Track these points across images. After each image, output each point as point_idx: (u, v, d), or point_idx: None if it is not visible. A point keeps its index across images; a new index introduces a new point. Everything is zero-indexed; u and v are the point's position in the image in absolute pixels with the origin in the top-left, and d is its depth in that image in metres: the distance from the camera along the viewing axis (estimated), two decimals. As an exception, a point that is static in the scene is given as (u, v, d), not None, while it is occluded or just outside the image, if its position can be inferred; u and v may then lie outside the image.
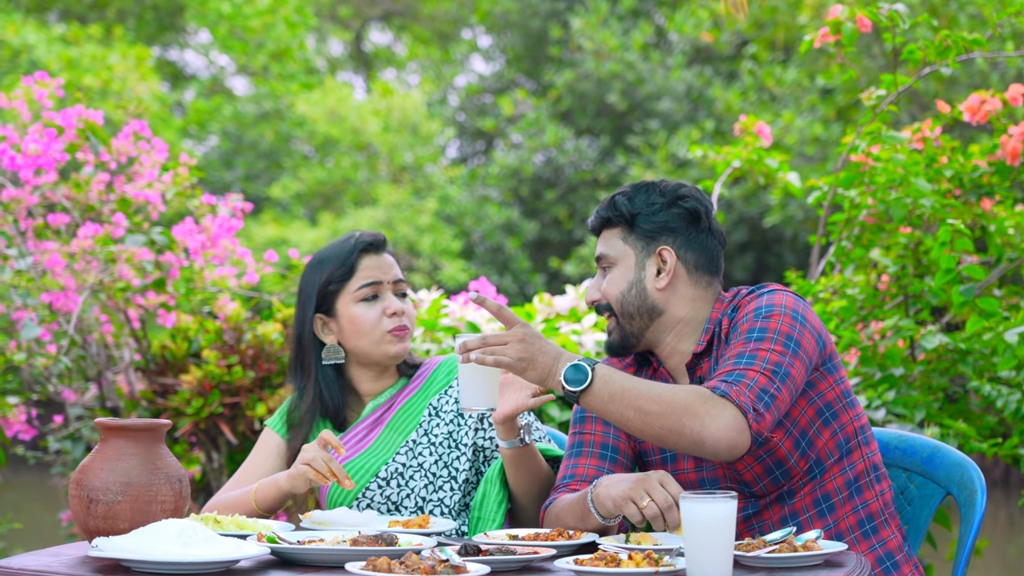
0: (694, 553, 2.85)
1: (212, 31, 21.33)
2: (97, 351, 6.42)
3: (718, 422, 3.25)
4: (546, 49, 20.45)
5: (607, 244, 3.66)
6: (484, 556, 3.03)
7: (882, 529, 3.59)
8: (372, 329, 3.93)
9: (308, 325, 4.01)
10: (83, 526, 3.18)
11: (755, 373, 3.35)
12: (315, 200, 20.64)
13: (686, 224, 3.64)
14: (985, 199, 6.00)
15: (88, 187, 6.20)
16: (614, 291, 3.63)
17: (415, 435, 3.96)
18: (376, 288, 3.94)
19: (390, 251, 4.03)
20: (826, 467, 3.54)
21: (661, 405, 3.28)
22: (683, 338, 3.64)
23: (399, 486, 3.90)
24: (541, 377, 3.36)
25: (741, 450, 3.27)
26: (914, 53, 5.74)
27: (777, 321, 3.46)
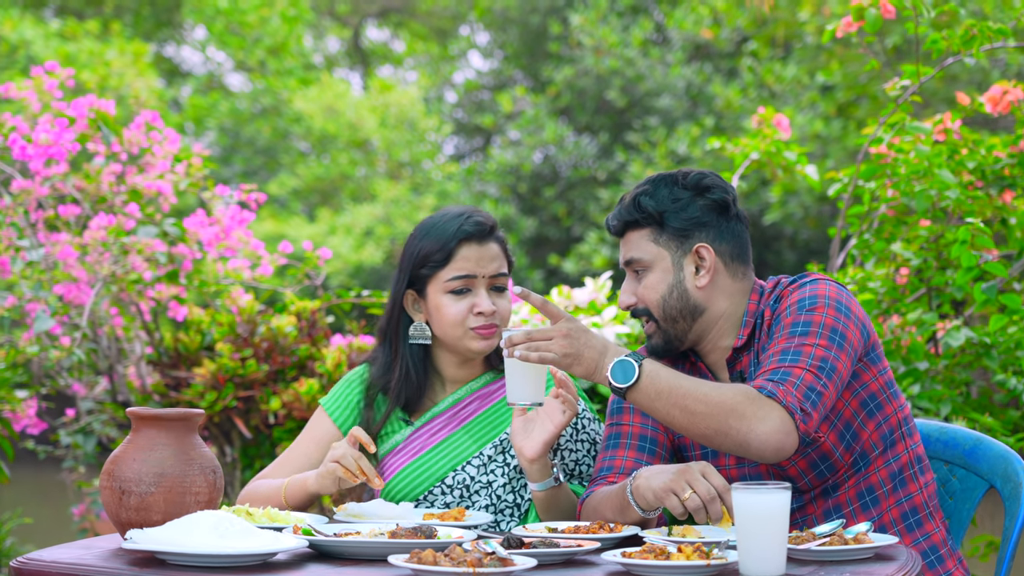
0: (747, 545, 2.78)
1: (208, 27, 21.25)
2: (108, 344, 6.34)
3: (765, 424, 3.18)
4: (545, 45, 20.37)
5: (637, 247, 3.55)
6: (527, 549, 2.96)
7: (926, 522, 3.52)
8: (456, 324, 3.76)
9: (399, 298, 3.84)
10: (115, 518, 3.11)
11: (801, 370, 3.27)
12: (313, 196, 20.56)
13: (716, 216, 3.56)
14: (1007, 191, 5.93)
15: (99, 178, 6.12)
16: (654, 296, 3.54)
17: (491, 449, 3.80)
18: (468, 282, 3.74)
19: (499, 237, 3.81)
20: (871, 459, 3.47)
21: (708, 405, 3.21)
22: (724, 333, 3.56)
23: (462, 497, 3.76)
24: (587, 372, 3.29)
25: (788, 452, 3.20)
26: (938, 43, 5.66)
27: (821, 314, 3.38)
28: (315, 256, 6.39)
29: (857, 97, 17.37)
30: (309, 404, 5.88)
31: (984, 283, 5.10)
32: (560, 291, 5.97)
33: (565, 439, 3.80)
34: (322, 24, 23.86)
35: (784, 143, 6.59)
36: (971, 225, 5.07)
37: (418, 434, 3.84)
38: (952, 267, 5.83)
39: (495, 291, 3.79)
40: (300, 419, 5.94)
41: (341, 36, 24.72)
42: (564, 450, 3.80)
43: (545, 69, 19.87)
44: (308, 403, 5.88)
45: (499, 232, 3.82)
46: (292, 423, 5.96)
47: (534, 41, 20.83)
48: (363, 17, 24.82)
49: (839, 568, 2.90)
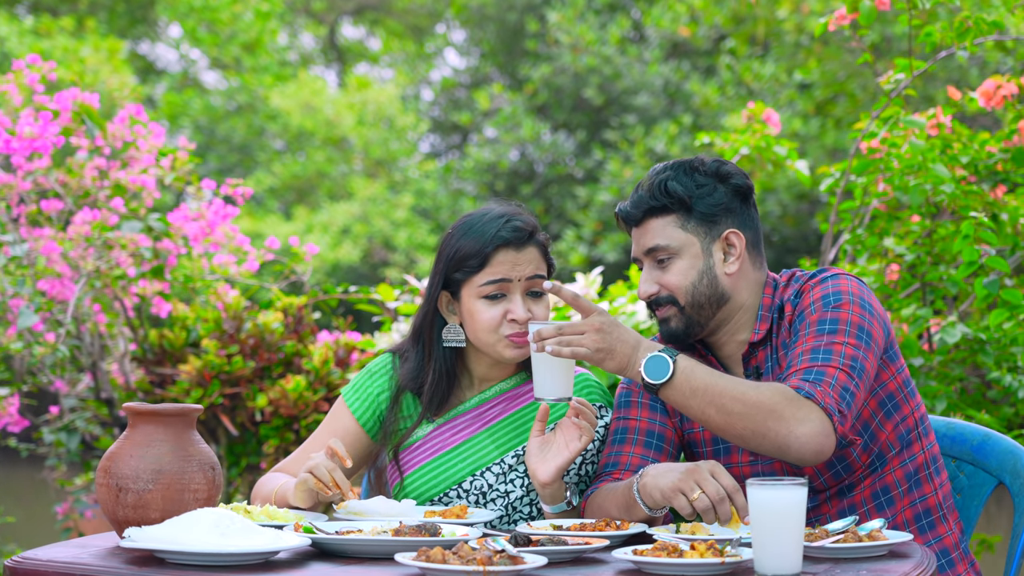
0: (762, 542, 2.71)
1: (182, 24, 21.13)
2: (91, 341, 6.25)
3: (804, 427, 3.12)
4: (522, 43, 20.30)
5: (662, 234, 3.46)
6: (535, 547, 2.89)
7: (939, 525, 3.46)
8: (490, 331, 3.61)
9: (434, 298, 3.71)
10: (111, 516, 3.03)
11: (835, 370, 3.21)
12: (289, 194, 20.46)
13: (739, 202, 3.49)
14: (1001, 186, 5.89)
15: (82, 172, 6.04)
16: (683, 282, 3.44)
17: (513, 458, 3.69)
18: (503, 287, 3.59)
19: (539, 241, 3.65)
20: (887, 459, 3.41)
21: (745, 405, 3.14)
22: (741, 326, 3.49)
23: (477, 503, 3.65)
24: (619, 367, 3.22)
25: (827, 455, 3.14)
26: (931, 35, 5.61)
27: (847, 311, 3.32)
28: (302, 252, 6.31)
29: (835, 95, 17.34)
30: (296, 401, 5.82)
31: (984, 278, 5.05)
32: (551, 287, 5.89)
33: (591, 452, 3.69)
34: (297, 21, 23.76)
35: (774, 138, 6.54)
36: (974, 219, 5.02)
37: (439, 432, 3.73)
38: (945, 262, 5.79)
39: (531, 296, 3.63)
40: (287, 416, 5.87)
41: (317, 34, 24.61)
42: (589, 463, 3.70)
43: (522, 67, 19.81)
44: (295, 400, 5.81)
45: (540, 236, 3.66)
46: (279, 420, 5.89)
47: (511, 38, 20.76)
48: (339, 14, 24.72)
49: (854, 566, 2.84)
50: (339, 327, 6.35)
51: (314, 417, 5.85)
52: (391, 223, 19.17)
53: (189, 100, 20.60)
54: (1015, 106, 5.84)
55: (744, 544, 2.95)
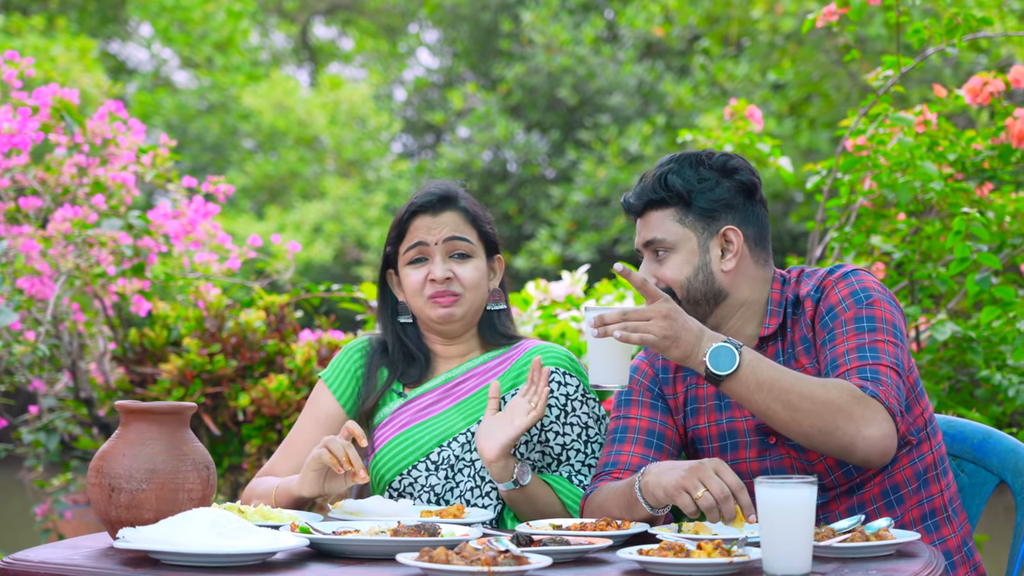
0: (771, 541, 2.66)
1: (153, 23, 21.02)
2: (69, 340, 6.17)
3: (873, 428, 3.08)
4: (496, 43, 20.25)
5: (660, 227, 3.43)
6: (538, 547, 2.84)
7: (943, 526, 3.42)
8: (415, 294, 3.70)
9: (382, 279, 3.85)
10: (104, 516, 2.96)
11: (886, 368, 3.18)
12: (261, 194, 20.37)
13: (743, 199, 3.44)
14: (988, 183, 5.87)
15: (60, 170, 5.96)
16: (679, 277, 3.40)
17: (477, 427, 3.66)
18: (421, 250, 3.69)
19: (460, 207, 3.73)
20: (897, 457, 3.36)
21: (813, 403, 3.09)
22: (746, 321, 3.45)
23: (446, 477, 3.63)
24: (684, 356, 3.15)
25: (890, 457, 3.12)
26: (920, 32, 5.58)
27: (881, 308, 3.29)
28: (283, 250, 6.25)
29: (809, 95, 17.34)
30: (278, 400, 5.76)
31: (976, 275, 5.02)
32: (537, 285, 5.86)
33: (550, 420, 3.66)
34: (269, 21, 23.65)
35: (756, 135, 6.50)
36: (966, 216, 4.98)
37: (408, 407, 3.74)
38: (932, 260, 5.76)
39: (456, 259, 3.70)
40: (269, 416, 5.81)
41: (289, 33, 24.52)
42: (549, 431, 3.66)
43: (496, 66, 19.76)
44: (277, 399, 5.75)
45: (461, 202, 3.74)
46: (261, 420, 5.83)
47: (485, 38, 20.70)
48: (311, 14, 24.63)
49: (863, 565, 2.79)
50: (321, 326, 6.29)
51: (296, 417, 5.78)
52: (364, 222, 19.11)
53: (161, 99, 20.49)
54: (1001, 103, 5.81)
55: (751, 544, 2.90)
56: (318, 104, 20.41)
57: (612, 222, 17.04)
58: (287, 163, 20.19)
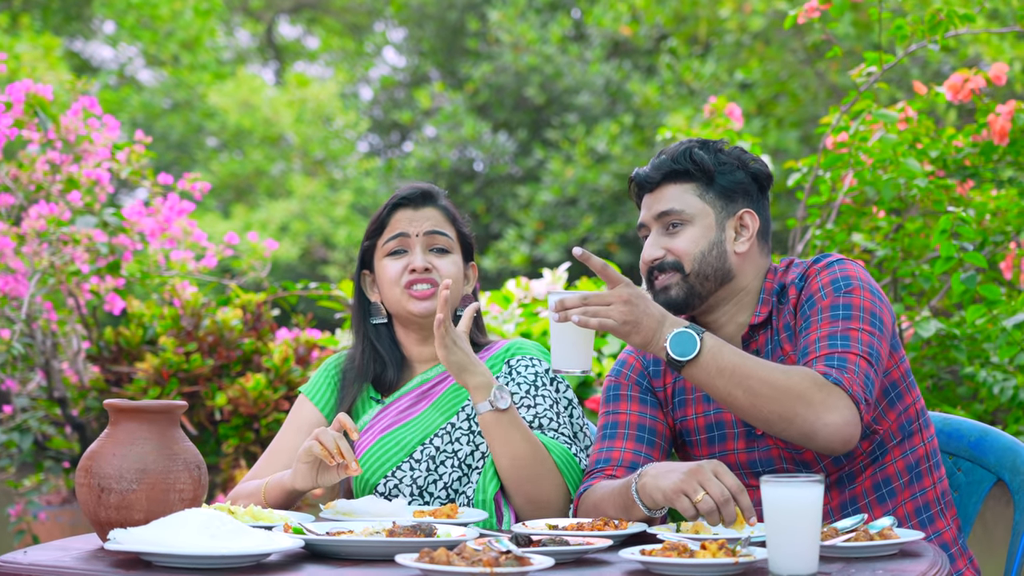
0: (777, 541, 2.61)
1: (119, 21, 20.88)
2: (43, 338, 6.09)
3: (834, 415, 3.05)
4: (463, 42, 20.19)
5: (679, 199, 3.41)
6: (537, 547, 2.79)
7: (938, 519, 3.39)
8: (392, 284, 3.69)
9: (357, 281, 3.83)
10: (92, 517, 2.90)
11: (855, 356, 3.14)
12: (227, 192, 20.26)
13: (757, 188, 3.44)
14: (969, 181, 5.85)
15: (33, 167, 5.88)
16: (693, 249, 3.38)
17: (456, 419, 3.66)
18: (402, 241, 3.69)
19: (440, 204, 3.76)
20: (888, 449, 3.33)
21: (774, 389, 3.06)
22: (742, 308, 3.42)
23: (428, 471, 3.60)
24: (644, 341, 3.12)
25: (853, 445, 3.08)
26: (902, 28, 5.55)
27: (859, 296, 3.25)
28: (261, 247, 6.18)
29: (776, 95, 17.33)
30: (256, 400, 5.70)
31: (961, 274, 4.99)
32: (518, 283, 5.81)
33: (520, 396, 3.64)
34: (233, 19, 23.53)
35: (736, 133, 6.47)
36: (952, 215, 4.96)
37: (386, 412, 3.72)
38: (914, 257, 5.75)
39: (436, 253, 3.72)
40: (247, 415, 5.75)
41: (254, 31, 24.40)
42: (521, 406, 3.64)
43: (463, 66, 19.71)
44: (255, 399, 5.69)
45: (441, 200, 3.78)
46: (238, 419, 5.76)
47: (451, 37, 20.64)
48: (276, 12, 24.52)
49: (869, 565, 2.75)
50: (299, 324, 6.23)
51: (274, 416, 5.73)
52: (330, 221, 19.03)
53: (126, 98, 20.35)
54: (982, 99, 5.79)
55: (755, 543, 2.85)
56: (284, 102, 20.31)
57: (580, 222, 17.00)
58: (253, 162, 20.09)
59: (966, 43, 14.80)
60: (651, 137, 17.50)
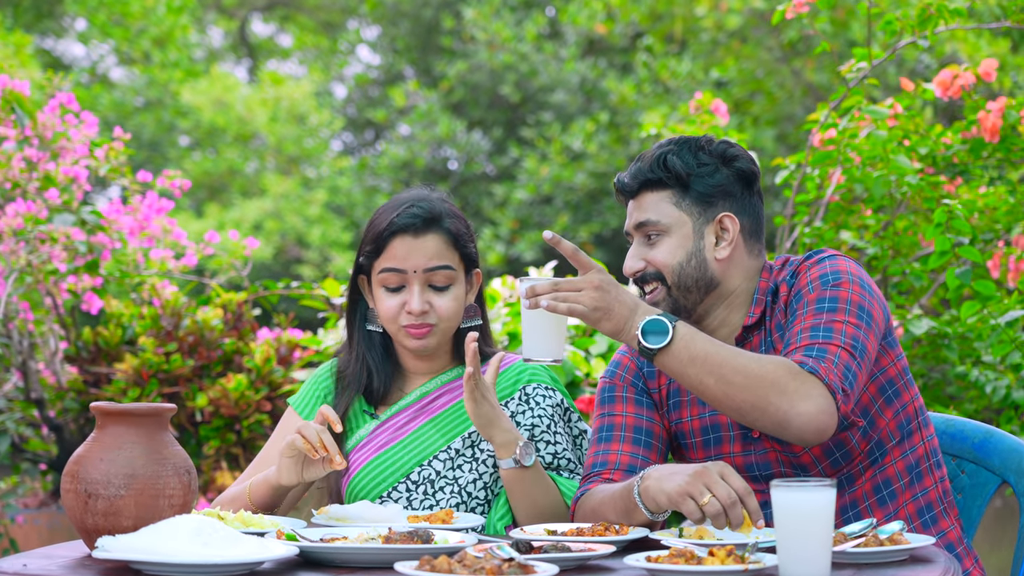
0: (788, 547, 2.54)
1: (91, 18, 20.74)
2: (19, 339, 5.98)
3: (808, 403, 2.96)
4: (437, 40, 20.10)
5: (656, 209, 3.32)
6: (538, 553, 2.71)
7: (941, 519, 3.32)
8: (389, 320, 3.53)
9: (353, 281, 3.67)
10: (79, 524, 2.81)
11: (836, 347, 3.06)
12: (201, 191, 20.13)
13: (740, 187, 3.34)
14: (958, 178, 5.80)
15: (10, 164, 5.77)
16: (671, 261, 3.29)
17: (460, 443, 3.54)
18: (399, 278, 3.50)
19: (445, 228, 3.52)
20: (887, 449, 3.26)
21: (747, 377, 2.98)
22: (734, 310, 3.34)
23: (426, 494, 3.49)
24: (615, 329, 3.05)
25: (828, 435, 2.99)
26: (891, 24, 5.49)
27: (847, 290, 3.17)
28: (241, 246, 6.09)
29: (752, 93, 17.28)
30: (237, 401, 5.61)
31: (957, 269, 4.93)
32: (504, 281, 5.73)
33: (541, 430, 3.55)
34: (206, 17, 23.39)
35: (722, 129, 6.41)
36: (947, 207, 4.89)
37: (383, 428, 3.60)
38: (903, 256, 5.69)
39: (434, 290, 3.53)
40: (228, 416, 5.66)
41: (227, 29, 24.27)
42: (540, 441, 3.55)
43: (438, 64, 19.62)
44: (236, 400, 5.60)
45: (446, 223, 3.53)
46: (219, 421, 5.67)
47: (426, 35, 20.55)
48: (249, 10, 24.39)
49: (879, 571, 2.67)
50: (280, 324, 6.14)
51: (256, 417, 5.64)
52: (304, 220, 18.93)
53: (97, 96, 20.20)
54: (972, 96, 5.73)
55: (764, 549, 2.77)
56: (258, 101, 20.19)
57: (556, 220, 16.93)
58: (226, 160, 19.97)
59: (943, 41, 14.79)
60: (627, 135, 17.46)
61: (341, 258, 18.46)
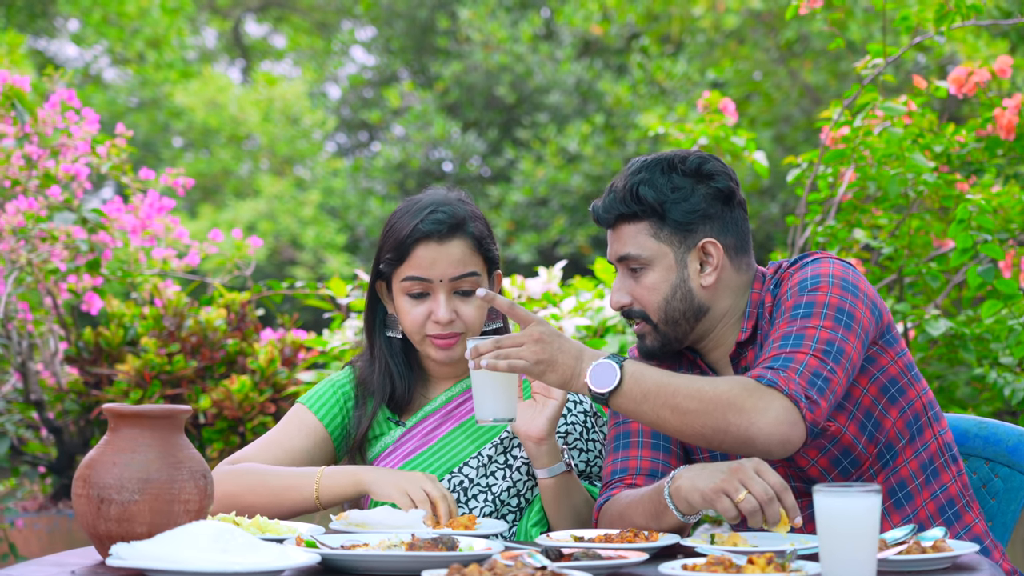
0: (832, 556, 2.43)
1: (85, 18, 20.64)
2: (18, 339, 5.88)
3: (766, 416, 2.87)
4: (433, 40, 20.01)
5: (634, 243, 3.21)
6: (569, 561, 2.61)
7: (964, 514, 3.22)
8: (414, 331, 3.42)
9: (371, 287, 3.53)
10: (91, 530, 2.70)
11: (804, 355, 2.96)
12: (194, 192, 20.04)
13: (720, 206, 3.22)
14: (973, 177, 5.72)
15: (9, 161, 5.67)
16: (655, 298, 3.20)
17: (491, 449, 3.45)
18: (424, 286, 3.38)
19: (470, 233, 3.40)
20: (897, 450, 3.16)
21: (701, 402, 2.89)
22: (728, 330, 3.25)
23: (459, 502, 3.39)
24: (563, 380, 2.95)
25: (795, 445, 2.88)
26: (908, 19, 5.40)
27: (825, 293, 3.06)
28: (245, 245, 5.99)
29: (749, 94, 17.21)
30: (241, 402, 5.50)
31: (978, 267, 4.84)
32: (513, 281, 5.63)
33: (574, 438, 3.48)
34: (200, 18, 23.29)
35: (731, 128, 6.32)
36: (970, 202, 4.80)
37: (410, 435, 3.50)
38: (916, 256, 5.61)
39: (460, 296, 3.41)
40: (231, 418, 5.56)
41: (221, 30, 24.17)
42: (573, 449, 3.47)
43: (433, 64, 19.54)
44: (240, 401, 5.50)
45: (470, 227, 3.41)
46: (223, 423, 5.57)
47: (421, 36, 20.46)
48: (243, 11, 24.29)
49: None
50: (284, 324, 6.04)
51: (260, 419, 5.54)
52: (298, 221, 18.84)
53: (90, 96, 20.10)
54: (986, 93, 5.65)
55: (803, 556, 2.68)
56: (251, 101, 20.10)
57: (552, 222, 16.84)
58: (220, 161, 19.88)
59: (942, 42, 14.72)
60: (623, 137, 17.38)
61: (335, 259, 18.38)
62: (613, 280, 3.35)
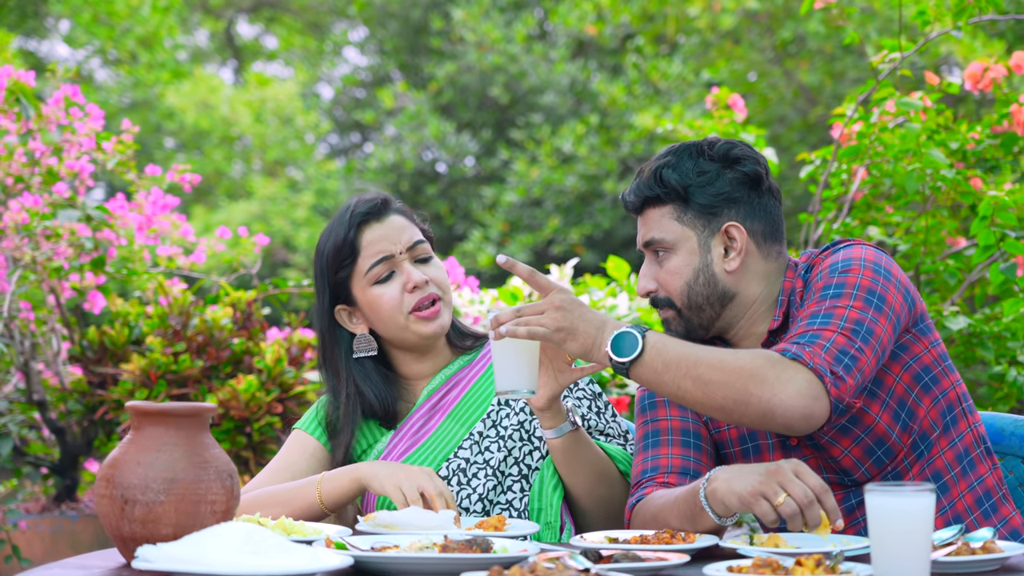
0: (885, 557, 2.36)
1: (76, 17, 20.55)
2: (21, 339, 5.79)
3: (788, 388, 2.80)
4: (426, 41, 19.94)
5: (658, 226, 3.17)
6: (608, 563, 2.53)
7: (1001, 506, 3.15)
8: (395, 312, 3.39)
9: (327, 319, 3.48)
10: (114, 532, 2.62)
11: (832, 332, 2.90)
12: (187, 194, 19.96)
13: (747, 190, 3.17)
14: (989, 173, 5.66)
15: (13, 158, 5.58)
16: (677, 282, 3.15)
17: (481, 426, 3.42)
18: (389, 264, 3.39)
19: (400, 209, 3.46)
20: (932, 440, 3.09)
21: (723, 372, 2.83)
22: (758, 319, 3.18)
23: (460, 484, 3.35)
24: (584, 348, 2.91)
25: (818, 420, 2.81)
26: (925, 14, 5.34)
27: (856, 275, 3.00)
28: (251, 243, 5.91)
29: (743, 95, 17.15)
30: (248, 402, 5.42)
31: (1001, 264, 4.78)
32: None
33: (585, 407, 3.46)
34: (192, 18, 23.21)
35: (740, 125, 6.26)
36: (993, 198, 4.73)
37: (399, 436, 3.47)
38: (931, 253, 5.55)
39: (420, 264, 3.44)
40: (238, 419, 5.48)
41: (213, 30, 24.08)
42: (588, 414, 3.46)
43: (426, 65, 19.47)
44: (247, 401, 5.42)
45: (397, 204, 3.50)
46: (229, 423, 5.49)
47: (414, 36, 20.39)
48: (235, 11, 24.20)
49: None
50: (290, 323, 5.96)
51: (267, 420, 5.46)
52: (291, 222, 18.76)
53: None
54: (1002, 89, 5.59)
55: (850, 558, 2.60)
56: (243, 102, 20.02)
57: (546, 223, 16.78)
58: (212, 162, 19.80)
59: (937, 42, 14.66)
60: (617, 137, 17.32)
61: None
62: (624, 278, 3.30)
